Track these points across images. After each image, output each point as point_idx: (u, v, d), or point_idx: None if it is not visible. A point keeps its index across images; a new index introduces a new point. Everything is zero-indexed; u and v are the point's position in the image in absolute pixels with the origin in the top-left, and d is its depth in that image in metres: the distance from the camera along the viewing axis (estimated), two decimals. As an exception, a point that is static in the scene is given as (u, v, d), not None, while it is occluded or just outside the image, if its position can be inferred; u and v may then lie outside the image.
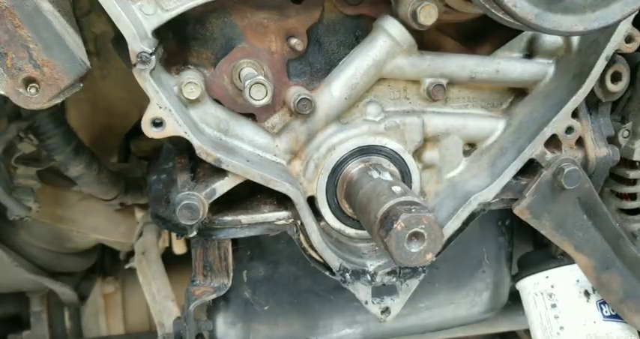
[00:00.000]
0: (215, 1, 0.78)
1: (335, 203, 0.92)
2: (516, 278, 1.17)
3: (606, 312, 1.07)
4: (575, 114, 0.93)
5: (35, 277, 1.37)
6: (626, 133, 1.00)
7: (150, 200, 0.97)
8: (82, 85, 0.75)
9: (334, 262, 0.92)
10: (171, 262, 1.51)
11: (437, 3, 0.81)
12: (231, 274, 0.94)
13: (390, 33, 0.85)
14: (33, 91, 0.71)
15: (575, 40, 0.93)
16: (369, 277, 0.95)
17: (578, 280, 1.08)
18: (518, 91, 0.97)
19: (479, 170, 0.96)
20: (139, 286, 1.45)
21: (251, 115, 0.89)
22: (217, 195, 0.84)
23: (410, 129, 0.91)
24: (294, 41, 0.87)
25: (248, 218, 0.88)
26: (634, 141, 1.00)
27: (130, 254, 1.58)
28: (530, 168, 0.94)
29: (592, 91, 0.92)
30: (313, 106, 0.86)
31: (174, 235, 1.46)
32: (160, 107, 0.77)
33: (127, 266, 1.58)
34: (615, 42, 0.89)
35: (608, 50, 0.89)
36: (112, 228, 1.47)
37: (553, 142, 0.94)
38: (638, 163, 1.02)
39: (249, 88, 0.80)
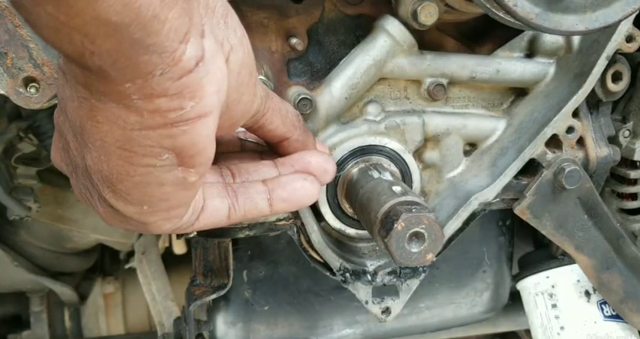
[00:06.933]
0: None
1: (335, 203, 0.92)
2: (517, 278, 1.17)
3: (607, 312, 1.07)
4: (575, 114, 0.93)
5: (35, 277, 1.37)
6: (627, 133, 1.00)
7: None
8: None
9: (334, 262, 0.92)
10: (171, 262, 1.51)
11: (437, 2, 0.81)
12: (232, 274, 0.94)
13: (391, 32, 0.85)
14: (33, 90, 0.71)
15: (575, 39, 0.93)
16: (369, 277, 0.94)
17: (578, 280, 1.08)
18: (519, 91, 0.97)
19: (479, 170, 0.96)
20: (139, 286, 1.45)
21: (251, 115, 0.89)
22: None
23: (410, 129, 0.91)
24: (294, 41, 0.87)
25: (248, 218, 0.88)
26: (635, 141, 1.00)
27: (130, 254, 1.57)
28: (531, 168, 0.94)
29: (593, 91, 0.92)
30: (313, 105, 0.86)
31: (174, 235, 1.45)
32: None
33: (127, 266, 1.58)
34: (616, 42, 0.88)
35: (609, 50, 0.89)
36: (112, 228, 1.47)
37: (554, 142, 0.93)
38: (638, 163, 1.02)
39: (250, 88, 0.79)
